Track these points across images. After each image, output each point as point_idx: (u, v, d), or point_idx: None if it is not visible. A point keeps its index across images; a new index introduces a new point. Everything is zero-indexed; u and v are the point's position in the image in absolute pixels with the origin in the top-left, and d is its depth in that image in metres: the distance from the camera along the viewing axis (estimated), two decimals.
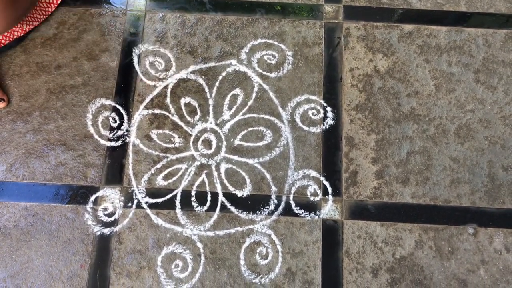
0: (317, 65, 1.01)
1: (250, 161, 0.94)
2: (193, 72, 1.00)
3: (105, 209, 0.91)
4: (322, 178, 0.93)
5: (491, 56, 1.01)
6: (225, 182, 0.92)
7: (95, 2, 1.06)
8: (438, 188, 0.92)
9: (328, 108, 0.97)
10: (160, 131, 0.96)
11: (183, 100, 0.98)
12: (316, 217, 0.90)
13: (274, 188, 0.92)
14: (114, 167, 0.93)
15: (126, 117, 0.97)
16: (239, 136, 0.95)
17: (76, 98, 0.98)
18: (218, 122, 0.96)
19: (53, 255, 0.88)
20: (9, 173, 0.93)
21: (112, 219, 0.90)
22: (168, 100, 0.98)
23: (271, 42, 1.02)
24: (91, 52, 1.01)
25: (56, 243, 0.89)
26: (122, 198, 0.91)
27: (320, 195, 0.92)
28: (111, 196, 0.91)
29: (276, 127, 0.96)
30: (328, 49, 1.02)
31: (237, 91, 0.98)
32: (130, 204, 0.91)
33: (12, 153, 0.94)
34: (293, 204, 0.91)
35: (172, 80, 0.99)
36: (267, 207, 0.91)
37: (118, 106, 0.97)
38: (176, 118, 0.97)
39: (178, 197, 0.91)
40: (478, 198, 0.92)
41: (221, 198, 0.91)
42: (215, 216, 0.90)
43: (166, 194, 0.91)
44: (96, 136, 0.95)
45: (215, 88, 0.99)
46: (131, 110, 0.97)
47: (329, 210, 0.91)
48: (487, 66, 1.01)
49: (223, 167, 0.93)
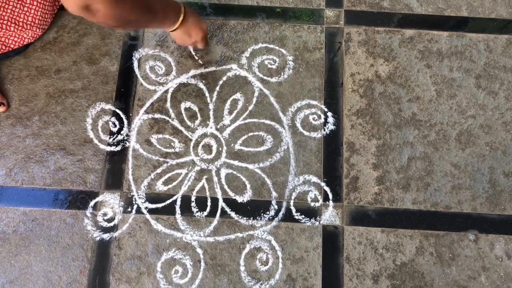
0: (318, 70, 1.00)
1: (251, 166, 0.93)
2: (193, 76, 1.00)
3: (104, 214, 0.90)
4: (323, 184, 0.92)
5: (493, 62, 1.01)
6: (225, 187, 0.92)
7: None
8: (439, 194, 0.92)
9: (329, 113, 0.97)
10: (160, 135, 0.95)
11: (183, 105, 0.97)
12: (317, 223, 0.90)
13: (274, 194, 0.92)
14: (114, 172, 0.93)
15: (126, 121, 0.96)
16: (240, 141, 0.95)
17: (76, 102, 0.97)
18: (219, 127, 0.96)
19: (52, 260, 0.87)
20: (8, 177, 0.92)
21: (111, 224, 0.90)
22: (168, 104, 0.97)
23: (272, 46, 1.02)
24: (91, 56, 1.01)
25: (56, 249, 0.88)
26: (122, 203, 0.91)
27: (320, 201, 0.91)
28: (110, 201, 0.91)
29: (277, 132, 0.96)
30: (329, 54, 1.02)
31: (237, 95, 0.98)
32: (129, 209, 0.90)
33: (12, 157, 0.94)
34: (293, 210, 0.91)
35: (172, 84, 0.99)
36: (268, 212, 0.90)
37: (118, 111, 0.97)
38: (176, 123, 0.96)
39: (178, 202, 0.91)
40: (479, 204, 0.92)
41: (221, 203, 0.91)
42: (215, 221, 0.90)
43: (166, 199, 0.91)
44: (96, 141, 0.95)
45: (216, 92, 0.98)
46: (131, 114, 0.97)
47: (329, 216, 0.90)
48: (488, 72, 1.00)
49: (224, 172, 0.93)
